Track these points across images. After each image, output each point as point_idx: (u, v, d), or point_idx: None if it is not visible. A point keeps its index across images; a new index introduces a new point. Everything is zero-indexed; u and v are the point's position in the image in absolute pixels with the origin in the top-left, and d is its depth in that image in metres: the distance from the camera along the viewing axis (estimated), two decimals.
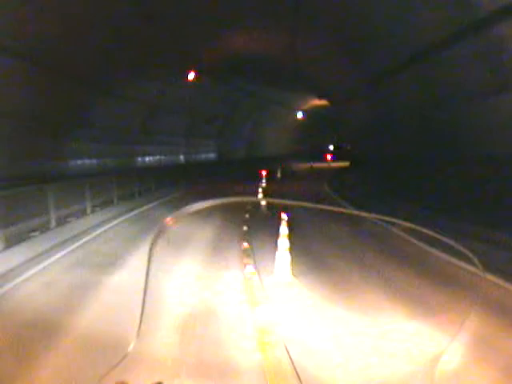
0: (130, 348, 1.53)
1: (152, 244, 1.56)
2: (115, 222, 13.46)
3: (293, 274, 7.35)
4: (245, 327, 5.53)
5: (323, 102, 41.75)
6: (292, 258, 7.41)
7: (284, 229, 7.72)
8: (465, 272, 7.32)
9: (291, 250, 7.46)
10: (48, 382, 4.16)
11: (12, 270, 8.10)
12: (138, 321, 1.57)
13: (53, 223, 11.67)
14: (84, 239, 10.97)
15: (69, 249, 9.90)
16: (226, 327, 5.55)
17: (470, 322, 1.53)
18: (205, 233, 11.57)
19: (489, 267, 6.19)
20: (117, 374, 1.53)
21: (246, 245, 9.70)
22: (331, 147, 56.00)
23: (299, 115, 42.75)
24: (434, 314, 5.79)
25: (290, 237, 7.60)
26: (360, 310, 6.08)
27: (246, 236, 10.68)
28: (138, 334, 1.55)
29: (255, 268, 7.97)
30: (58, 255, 9.30)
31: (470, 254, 1.55)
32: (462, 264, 7.59)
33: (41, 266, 8.43)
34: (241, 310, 6.11)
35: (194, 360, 4.66)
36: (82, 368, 4.44)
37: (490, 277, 6.69)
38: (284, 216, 8.02)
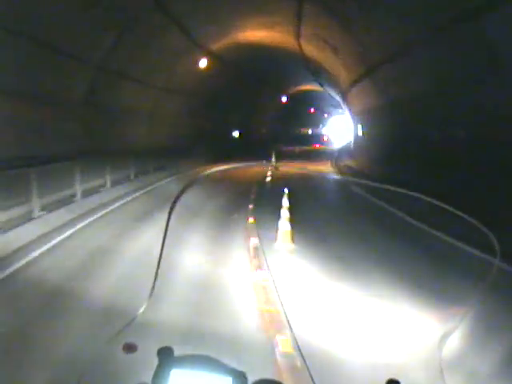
0: (141, 311, 1.55)
1: (169, 214, 1.56)
2: (132, 195, 15.32)
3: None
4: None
5: (311, 87, 43.23)
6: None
7: (285, 201, 9.36)
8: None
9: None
10: None
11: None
12: (151, 285, 1.59)
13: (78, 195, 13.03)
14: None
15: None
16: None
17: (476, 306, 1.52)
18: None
19: None
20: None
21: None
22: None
23: (283, 99, 44.14)
24: None
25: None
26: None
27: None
28: (150, 298, 1.56)
29: None
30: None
31: (485, 229, 1.52)
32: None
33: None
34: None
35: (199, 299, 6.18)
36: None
37: None
38: (285, 190, 9.52)
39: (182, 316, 5.46)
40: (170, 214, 1.55)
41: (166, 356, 1.40)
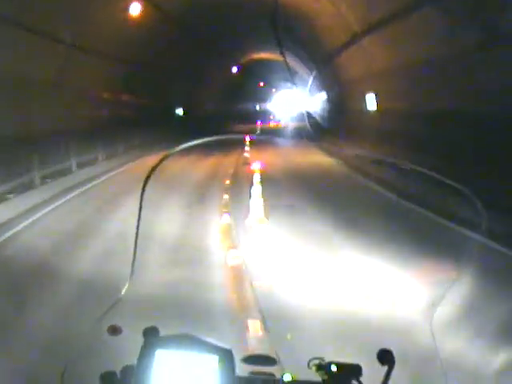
0: (123, 292, 1.53)
1: (144, 184, 1.49)
2: None
3: None
4: None
5: (265, 55, 36.90)
6: None
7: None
8: None
9: None
10: None
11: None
12: (130, 265, 1.57)
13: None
14: None
15: None
16: None
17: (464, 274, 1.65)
18: None
19: None
20: None
21: None
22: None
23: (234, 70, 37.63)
24: None
25: None
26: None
27: None
28: (131, 278, 1.55)
29: None
30: None
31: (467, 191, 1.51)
32: None
33: None
34: None
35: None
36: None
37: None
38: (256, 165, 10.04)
39: None
40: (143, 189, 1.52)
41: (151, 337, 1.38)
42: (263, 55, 36.50)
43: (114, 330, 1.54)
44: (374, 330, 4.55)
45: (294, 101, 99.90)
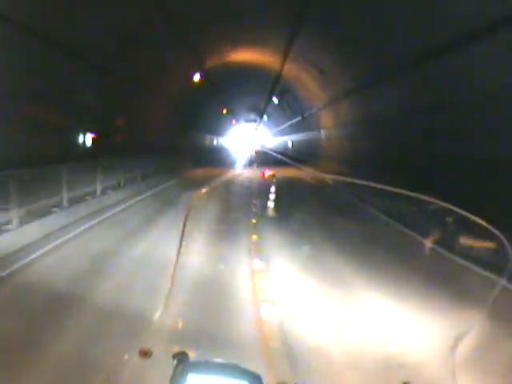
0: (156, 318, 1.69)
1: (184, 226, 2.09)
2: None
3: None
4: None
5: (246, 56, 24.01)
6: None
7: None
8: None
9: None
10: None
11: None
12: (166, 292, 2.03)
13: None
14: None
15: None
16: None
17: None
18: None
19: None
20: None
21: None
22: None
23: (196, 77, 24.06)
24: None
25: None
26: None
27: None
28: (166, 305, 1.80)
29: None
30: None
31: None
32: None
33: None
34: None
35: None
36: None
37: None
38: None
39: None
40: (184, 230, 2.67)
41: (181, 360, 1.43)
42: (241, 55, 23.40)
43: (145, 353, 1.61)
44: None
45: (255, 138, 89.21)
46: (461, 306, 5.58)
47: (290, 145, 44.36)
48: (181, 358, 1.44)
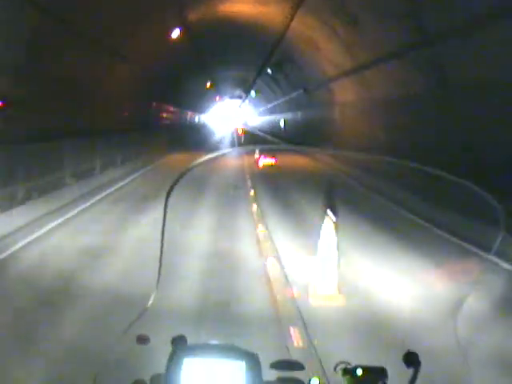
0: (150, 303, 1.50)
1: (168, 195, 1.39)
2: None
3: None
4: None
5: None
6: None
7: None
8: None
9: None
10: None
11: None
12: (156, 275, 1.50)
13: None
14: None
15: None
16: None
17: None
18: None
19: None
20: None
21: None
22: None
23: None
24: None
25: None
26: None
27: None
28: (157, 288, 1.49)
29: None
30: None
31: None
32: None
33: None
34: None
35: None
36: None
37: None
38: None
39: None
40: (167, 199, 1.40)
41: (179, 345, 1.41)
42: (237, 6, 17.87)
43: (143, 340, 1.56)
44: None
45: (239, 117, 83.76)
46: None
47: (282, 124, 38.97)
48: (178, 342, 1.42)
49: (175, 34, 17.59)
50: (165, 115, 31.23)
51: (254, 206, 10.98)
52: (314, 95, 23.88)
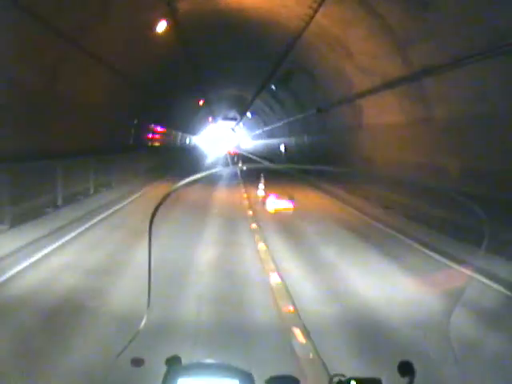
0: (142, 325, 1.52)
1: (152, 217, 1.45)
2: None
3: None
4: None
5: None
6: None
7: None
8: None
9: None
10: None
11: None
12: (146, 295, 1.53)
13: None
14: None
15: None
16: None
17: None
18: None
19: None
20: None
21: None
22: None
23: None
24: None
25: None
26: None
27: None
28: (148, 308, 1.53)
29: None
30: None
31: None
32: None
33: None
34: None
35: None
36: None
37: None
38: None
39: None
40: (151, 222, 1.47)
41: (173, 365, 1.41)
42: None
43: (138, 362, 1.55)
44: None
45: (231, 140, 79.81)
46: None
47: (282, 149, 34.72)
48: (173, 362, 1.41)
49: (162, 27, 13.24)
50: (150, 136, 26.81)
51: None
52: (330, 115, 19.66)
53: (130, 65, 15.70)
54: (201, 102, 33.35)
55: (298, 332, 4.94)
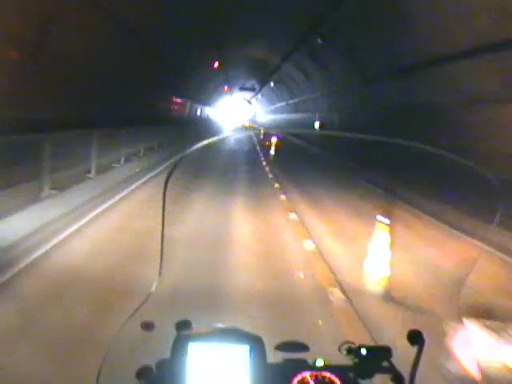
0: (153, 288, 1.48)
1: (166, 183, 1.44)
2: None
3: None
4: None
5: None
6: None
7: None
8: None
9: None
10: None
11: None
12: (158, 260, 1.50)
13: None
14: None
15: None
16: None
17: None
18: None
19: None
20: None
21: None
22: None
23: None
24: None
25: None
26: None
27: None
28: (160, 274, 1.50)
29: None
30: None
31: None
32: None
33: None
34: None
35: None
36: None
37: None
38: None
39: None
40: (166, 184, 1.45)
41: (183, 330, 1.40)
42: None
43: (148, 326, 1.51)
44: None
45: (248, 113, 73.34)
46: None
47: (317, 126, 27.57)
48: (183, 327, 1.41)
49: None
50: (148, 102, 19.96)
51: None
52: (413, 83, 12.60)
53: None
54: (216, 64, 26.25)
55: None
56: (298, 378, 1.43)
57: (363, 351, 1.44)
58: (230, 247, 6.78)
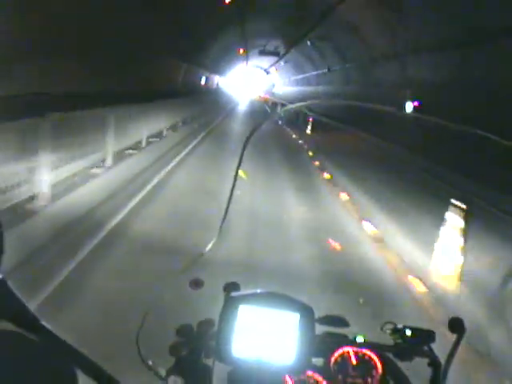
0: (208, 248, 1.44)
1: (246, 141, 1.41)
2: None
3: None
4: None
5: None
6: None
7: None
8: None
9: None
10: None
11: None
12: (219, 222, 1.44)
13: None
14: None
15: None
16: None
17: None
18: None
19: None
20: None
21: None
22: None
23: None
24: None
25: None
26: None
27: None
28: (219, 235, 1.43)
29: None
30: None
31: None
32: None
33: None
34: None
35: None
36: None
37: None
38: None
39: None
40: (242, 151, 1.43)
41: (232, 292, 1.38)
42: None
43: (197, 284, 1.52)
44: None
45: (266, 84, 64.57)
46: None
47: (409, 109, 17.22)
48: (232, 288, 1.39)
49: None
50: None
51: None
52: None
53: None
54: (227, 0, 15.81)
55: None
56: (340, 352, 1.47)
57: (408, 332, 1.43)
58: None
